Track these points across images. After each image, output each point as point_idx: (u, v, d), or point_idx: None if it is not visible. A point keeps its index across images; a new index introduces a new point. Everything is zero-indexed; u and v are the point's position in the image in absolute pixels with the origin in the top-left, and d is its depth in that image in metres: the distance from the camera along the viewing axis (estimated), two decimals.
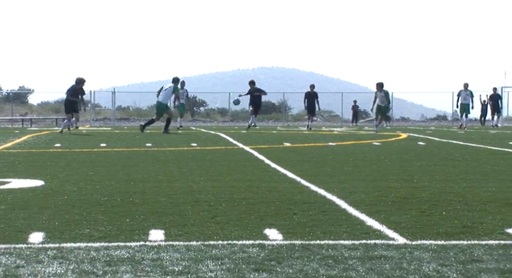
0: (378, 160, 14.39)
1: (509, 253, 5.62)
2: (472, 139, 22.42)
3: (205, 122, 50.45)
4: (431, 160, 14.34)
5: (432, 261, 5.36)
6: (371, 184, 10.16)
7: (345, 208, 7.90)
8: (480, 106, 43.00)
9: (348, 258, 5.47)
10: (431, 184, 10.09)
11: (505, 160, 14.47)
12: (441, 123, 49.58)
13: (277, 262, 5.33)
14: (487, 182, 10.35)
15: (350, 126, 42.11)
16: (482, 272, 5.03)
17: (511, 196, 8.83)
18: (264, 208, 7.95)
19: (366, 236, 6.30)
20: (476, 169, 12.38)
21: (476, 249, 5.77)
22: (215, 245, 5.95)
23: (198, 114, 57.83)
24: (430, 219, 7.19)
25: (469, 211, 7.69)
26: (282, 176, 11.33)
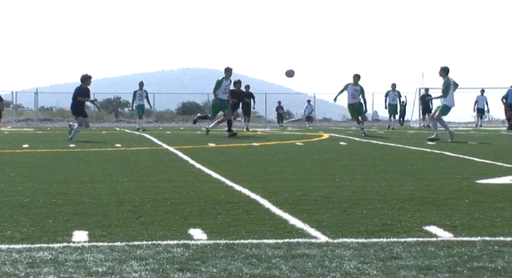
0: (300, 160, 14.50)
1: (426, 250, 5.73)
2: (391, 139, 22.78)
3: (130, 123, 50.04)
4: (352, 160, 14.52)
5: (353, 259, 5.43)
6: (294, 183, 10.23)
7: (268, 208, 7.94)
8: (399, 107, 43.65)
9: (271, 257, 5.49)
10: (352, 183, 10.22)
11: (423, 159, 14.74)
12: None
13: (201, 262, 5.32)
14: (405, 181, 10.52)
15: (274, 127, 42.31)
16: (401, 269, 5.11)
17: (428, 194, 8.99)
18: (189, 208, 7.93)
19: (289, 235, 6.34)
20: (395, 169, 12.58)
21: (395, 246, 5.86)
22: (139, 245, 5.91)
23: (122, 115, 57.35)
24: (351, 217, 7.27)
25: (388, 209, 7.81)
26: (206, 176, 11.32)
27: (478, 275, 4.90)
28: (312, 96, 51.46)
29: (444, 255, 5.53)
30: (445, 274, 4.94)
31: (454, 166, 13.00)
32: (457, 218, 7.19)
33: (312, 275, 4.94)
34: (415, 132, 29.42)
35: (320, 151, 17.43)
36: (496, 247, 5.82)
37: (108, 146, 19.24)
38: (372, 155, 15.97)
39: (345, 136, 23.66)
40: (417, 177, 11.06)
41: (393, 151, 17.56)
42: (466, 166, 13.04)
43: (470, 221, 6.99)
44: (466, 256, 5.50)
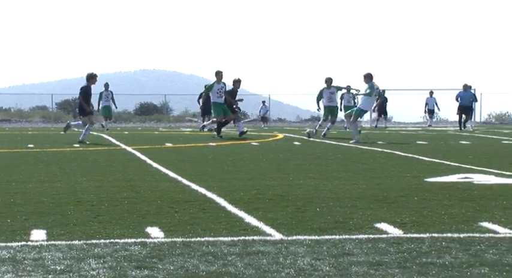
0: (256, 160, 14.51)
1: (377, 246, 5.78)
2: (343, 139, 22.89)
3: None
4: (306, 159, 14.57)
5: (306, 255, 5.45)
6: (249, 182, 10.24)
7: (224, 206, 7.94)
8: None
9: (227, 254, 5.49)
10: (306, 182, 10.26)
11: (374, 158, 14.84)
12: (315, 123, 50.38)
13: (158, 259, 5.31)
14: (357, 180, 10.59)
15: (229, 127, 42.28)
16: (352, 265, 5.15)
17: (379, 192, 9.06)
18: (146, 207, 7.89)
19: (245, 233, 6.35)
20: (347, 168, 12.65)
21: (347, 243, 5.90)
22: (97, 244, 5.87)
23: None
24: (305, 215, 7.30)
25: (341, 207, 7.85)
26: (164, 175, 11.28)
27: (426, 271, 4.96)
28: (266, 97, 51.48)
29: (394, 251, 5.58)
30: (395, 270, 4.99)
31: (404, 165, 13.13)
32: (407, 215, 7.26)
33: (267, 272, 4.95)
34: (367, 132, 29.61)
35: (275, 151, 17.47)
36: (444, 243, 5.89)
37: (67, 146, 19.06)
38: (325, 155, 16.05)
39: (299, 136, 23.73)
40: (368, 176, 11.14)
41: (346, 150, 17.66)
42: (416, 165, 13.17)
43: (419, 219, 7.06)
44: (415, 252, 5.56)
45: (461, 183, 10.16)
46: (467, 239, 6.02)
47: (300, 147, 19.43)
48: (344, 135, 26.36)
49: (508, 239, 6.05)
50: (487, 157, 15.00)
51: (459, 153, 16.19)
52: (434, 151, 17.07)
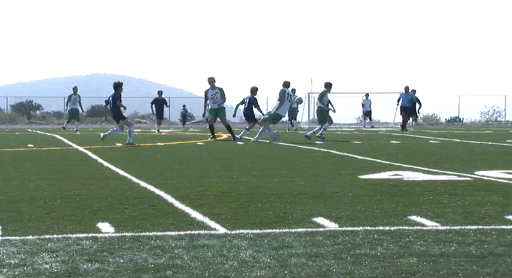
0: (201, 159, 14.49)
1: (315, 239, 5.81)
2: (284, 139, 22.98)
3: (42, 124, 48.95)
4: (248, 158, 14.59)
5: (249, 248, 5.46)
6: (195, 180, 10.21)
7: (171, 202, 7.91)
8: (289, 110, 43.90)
9: (174, 248, 5.47)
10: (248, 180, 10.27)
11: (312, 157, 14.94)
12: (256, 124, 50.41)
13: (109, 253, 5.26)
14: (296, 177, 10.64)
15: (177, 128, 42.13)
16: (292, 256, 5.17)
17: (316, 189, 9.12)
18: (97, 203, 7.82)
19: (191, 227, 6.33)
20: (287, 166, 12.71)
21: (287, 236, 5.92)
22: (50, 239, 5.79)
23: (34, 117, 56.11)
24: (247, 211, 7.31)
25: (281, 203, 7.88)
26: (114, 174, 11.18)
27: (360, 261, 5.01)
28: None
29: (330, 243, 5.62)
30: (331, 261, 5.03)
31: (340, 163, 13.24)
32: (342, 210, 7.32)
33: (212, 264, 4.94)
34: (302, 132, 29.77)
35: (219, 150, 17.45)
36: (376, 235, 5.95)
37: (21, 146, 18.76)
38: (267, 154, 16.09)
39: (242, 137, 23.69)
40: (307, 173, 11.20)
41: (286, 150, 17.73)
42: (350, 163, 13.29)
43: (353, 213, 7.13)
44: (349, 244, 5.61)
45: (392, 179, 10.28)
46: (397, 232, 6.09)
47: (243, 146, 19.45)
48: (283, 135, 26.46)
49: (434, 231, 6.15)
50: (416, 155, 15.22)
51: (390, 152, 16.39)
52: (367, 150, 17.24)
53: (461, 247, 5.47)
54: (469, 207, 7.47)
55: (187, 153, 16.27)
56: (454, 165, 12.49)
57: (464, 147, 18.62)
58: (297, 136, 26.13)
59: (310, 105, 44.30)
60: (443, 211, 7.19)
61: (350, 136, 26.71)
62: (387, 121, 44.71)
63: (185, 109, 50.57)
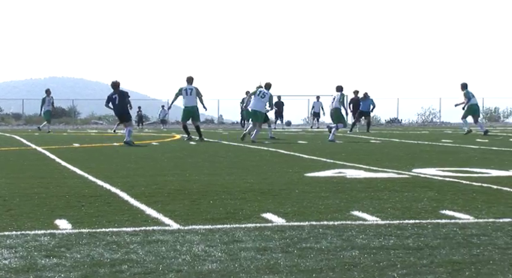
0: (156, 158, 14.40)
1: (263, 233, 5.82)
2: (234, 139, 22.98)
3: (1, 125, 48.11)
4: (200, 157, 14.55)
5: (201, 243, 5.45)
6: (150, 178, 10.14)
7: (127, 200, 7.84)
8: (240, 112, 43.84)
9: (129, 243, 5.43)
10: (200, 178, 10.24)
11: (260, 156, 14.96)
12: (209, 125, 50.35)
13: (66, 249, 5.20)
14: (246, 175, 10.65)
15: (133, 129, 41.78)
16: (242, 250, 5.18)
17: (265, 186, 9.14)
18: (55, 201, 7.71)
19: (145, 224, 6.29)
20: (237, 165, 12.71)
21: (237, 231, 5.92)
22: (9, 235, 5.69)
23: None
24: (200, 207, 7.29)
25: (231, 199, 7.88)
26: (72, 173, 11.04)
27: (305, 254, 5.04)
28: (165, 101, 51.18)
29: (278, 238, 5.64)
30: (279, 254, 5.05)
31: (287, 162, 13.28)
32: (289, 206, 7.34)
33: (165, 258, 4.92)
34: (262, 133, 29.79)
35: (173, 150, 17.37)
36: (321, 230, 5.99)
37: None
38: (218, 153, 16.07)
39: (194, 137, 23.65)
40: (256, 172, 11.22)
41: (236, 149, 17.74)
42: (297, 162, 13.35)
43: (300, 209, 7.16)
44: (296, 238, 5.63)
45: (335, 177, 10.36)
46: (340, 227, 6.14)
47: (195, 146, 19.39)
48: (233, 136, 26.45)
49: (374, 225, 6.21)
50: (358, 154, 15.36)
51: (334, 151, 16.50)
52: (313, 149, 17.35)
53: (399, 240, 5.54)
54: (407, 203, 7.57)
55: (142, 153, 16.15)
56: (393, 163, 12.64)
57: (402, 146, 18.85)
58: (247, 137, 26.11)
59: None
60: (383, 207, 7.27)
61: (297, 136, 26.83)
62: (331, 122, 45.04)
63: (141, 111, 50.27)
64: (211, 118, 59.48)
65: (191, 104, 22.25)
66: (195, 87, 22.20)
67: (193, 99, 22.18)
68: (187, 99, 22.23)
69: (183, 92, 22.21)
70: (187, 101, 22.24)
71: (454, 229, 5.95)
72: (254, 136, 21.55)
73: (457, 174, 10.57)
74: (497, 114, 49.77)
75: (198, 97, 22.26)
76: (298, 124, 47.31)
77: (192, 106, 22.31)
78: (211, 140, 22.43)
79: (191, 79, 22.41)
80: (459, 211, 6.91)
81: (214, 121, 55.69)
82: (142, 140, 23.52)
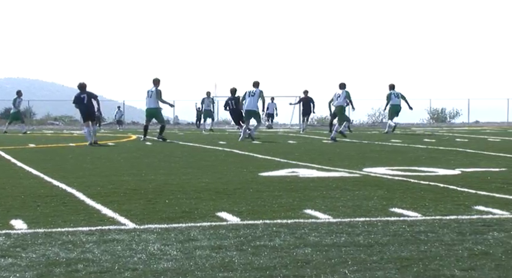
0: (112, 158, 14.28)
1: (218, 232, 5.82)
2: (190, 139, 22.91)
3: None
4: (156, 158, 14.48)
5: (156, 242, 5.42)
6: (106, 178, 10.05)
7: (83, 200, 7.76)
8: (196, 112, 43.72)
9: (85, 242, 5.38)
10: (156, 177, 10.19)
11: (215, 156, 14.95)
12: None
13: (22, 249, 5.12)
14: (201, 175, 10.63)
15: None
16: (197, 249, 5.17)
17: (220, 185, 9.13)
18: (10, 201, 7.59)
19: (101, 223, 6.23)
20: (193, 164, 12.67)
21: (192, 230, 5.91)
22: None
23: None
24: (155, 207, 7.25)
25: (187, 199, 7.85)
26: (27, 173, 10.88)
27: (259, 252, 5.05)
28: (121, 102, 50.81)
29: (233, 236, 5.64)
30: (233, 252, 5.05)
31: (241, 162, 13.29)
32: (244, 205, 7.35)
33: (121, 257, 4.88)
34: (209, 134, 29.77)
35: (129, 151, 17.24)
36: (275, 228, 6.01)
37: None
38: (174, 153, 16.00)
39: (150, 137, 23.51)
40: (211, 171, 11.21)
41: (191, 149, 17.68)
42: (251, 162, 13.36)
43: (254, 208, 7.17)
44: (250, 236, 5.64)
45: (289, 176, 10.40)
46: (293, 225, 6.17)
47: (152, 146, 19.28)
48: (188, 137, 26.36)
49: (326, 223, 6.26)
50: (310, 154, 15.44)
51: (287, 151, 16.57)
52: (267, 149, 17.38)
53: (350, 237, 5.59)
54: (357, 201, 7.64)
55: (98, 153, 15.99)
56: (344, 163, 12.74)
57: (353, 146, 19.02)
58: (200, 137, 26.08)
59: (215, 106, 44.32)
60: (335, 205, 7.33)
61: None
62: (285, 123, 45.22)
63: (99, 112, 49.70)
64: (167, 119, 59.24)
65: (151, 106, 22.17)
66: (156, 89, 22.03)
67: (153, 101, 22.05)
68: (148, 101, 22.19)
69: (147, 93, 22.21)
70: (148, 103, 22.19)
71: (403, 227, 6.03)
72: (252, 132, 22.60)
73: (405, 173, 10.71)
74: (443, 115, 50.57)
75: (158, 99, 22.06)
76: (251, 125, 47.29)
77: (151, 108, 22.22)
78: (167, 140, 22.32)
79: (155, 81, 22.16)
80: (408, 209, 7.01)
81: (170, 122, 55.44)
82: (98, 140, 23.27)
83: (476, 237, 5.54)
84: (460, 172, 10.94)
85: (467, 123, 46.52)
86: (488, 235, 5.61)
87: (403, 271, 4.48)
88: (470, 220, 6.34)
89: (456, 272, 4.43)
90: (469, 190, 8.47)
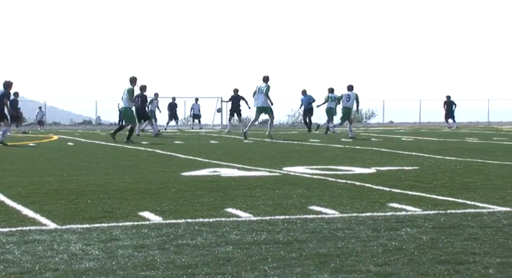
0: (33, 159, 13.94)
1: (141, 231, 5.77)
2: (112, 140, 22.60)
3: None
4: (78, 158, 14.22)
5: (78, 242, 5.33)
6: (26, 179, 9.81)
7: (3, 200, 7.55)
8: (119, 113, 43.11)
9: (5, 243, 5.24)
10: (78, 178, 10.01)
11: (138, 156, 14.79)
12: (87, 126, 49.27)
13: None
14: (124, 175, 10.51)
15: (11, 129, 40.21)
16: (119, 248, 5.11)
17: (142, 185, 9.05)
18: None
19: (22, 224, 6.08)
20: (115, 165, 12.52)
21: (115, 230, 5.84)
22: None
23: None
24: (77, 207, 7.13)
25: (109, 199, 7.75)
26: None
27: (181, 251, 5.03)
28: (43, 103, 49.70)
29: (155, 235, 5.60)
30: (156, 251, 5.02)
31: (164, 162, 13.20)
32: (166, 204, 7.31)
33: (42, 258, 4.78)
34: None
35: (50, 151, 16.88)
36: (197, 227, 6.00)
37: None
38: (96, 154, 15.76)
39: (72, 138, 23.08)
40: (133, 171, 11.09)
41: (113, 150, 17.44)
42: (173, 161, 13.29)
43: (176, 207, 7.14)
44: (172, 235, 5.61)
45: (210, 175, 10.40)
46: (215, 223, 6.17)
47: (73, 147, 18.93)
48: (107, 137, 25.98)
49: (247, 222, 6.29)
50: (231, 154, 15.47)
51: (209, 151, 16.56)
52: (189, 149, 17.32)
53: (270, 235, 5.64)
54: (277, 199, 7.71)
55: (19, 154, 15.59)
56: (265, 162, 12.83)
57: (274, 145, 19.17)
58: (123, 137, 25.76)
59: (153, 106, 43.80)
60: (256, 204, 7.37)
61: (174, 137, 26.70)
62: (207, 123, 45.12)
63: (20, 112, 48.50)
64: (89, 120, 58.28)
65: (123, 105, 21.60)
66: (128, 88, 21.24)
67: (125, 101, 21.40)
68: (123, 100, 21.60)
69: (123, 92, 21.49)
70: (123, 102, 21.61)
71: (321, 224, 6.12)
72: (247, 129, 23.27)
73: (324, 172, 10.87)
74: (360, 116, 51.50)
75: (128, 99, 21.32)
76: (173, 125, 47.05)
77: (123, 107, 21.66)
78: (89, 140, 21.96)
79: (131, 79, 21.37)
80: (326, 207, 7.11)
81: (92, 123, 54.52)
82: (19, 141, 22.69)
83: (391, 233, 5.68)
84: (375, 170, 11.18)
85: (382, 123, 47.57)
86: (401, 231, 5.76)
87: (321, 267, 4.55)
88: (384, 217, 6.49)
89: (371, 268, 4.53)
90: (384, 188, 8.67)
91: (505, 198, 7.79)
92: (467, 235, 5.56)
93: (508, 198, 7.74)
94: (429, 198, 7.81)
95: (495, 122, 46.12)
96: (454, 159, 13.57)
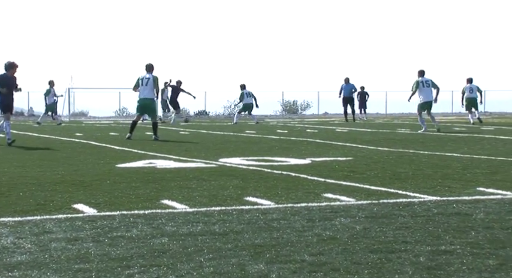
0: None
1: (74, 224, 5.69)
2: (45, 131, 22.15)
3: None
4: (10, 150, 13.92)
5: (10, 235, 5.22)
6: None
7: None
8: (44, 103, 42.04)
9: None
10: (10, 170, 9.79)
11: (72, 148, 14.55)
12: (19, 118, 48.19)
13: None
14: (57, 167, 10.32)
15: None
16: (52, 241, 5.02)
17: (76, 177, 8.91)
18: None
19: None
20: (48, 157, 12.28)
21: (48, 223, 5.74)
22: None
23: None
24: (9, 200, 6.97)
25: (42, 191, 7.61)
26: None
27: (116, 243, 4.98)
28: None
29: (89, 228, 5.53)
30: (90, 244, 4.95)
31: (98, 153, 13.03)
32: (101, 196, 7.22)
33: None
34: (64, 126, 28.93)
35: None
36: (132, 219, 5.95)
37: None
38: (28, 145, 15.42)
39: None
40: (67, 163, 10.90)
41: (47, 141, 17.11)
42: (108, 153, 13.13)
43: (111, 199, 7.06)
44: (107, 227, 5.55)
45: (146, 167, 10.32)
46: (151, 215, 6.13)
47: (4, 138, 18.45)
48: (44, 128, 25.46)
49: (183, 213, 6.27)
50: (167, 145, 15.38)
51: (144, 143, 16.41)
52: (124, 141, 17.10)
53: (206, 226, 5.63)
54: (214, 191, 7.70)
55: None
56: (201, 154, 12.80)
57: (210, 137, 19.14)
58: (57, 128, 25.30)
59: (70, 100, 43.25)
60: (192, 195, 7.35)
61: (108, 128, 26.35)
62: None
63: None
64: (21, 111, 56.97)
65: (145, 96, 17.71)
66: (153, 76, 17.71)
67: (150, 91, 17.71)
68: (143, 90, 17.64)
69: (140, 82, 17.69)
70: (143, 92, 17.67)
71: (257, 215, 6.15)
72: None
73: (259, 163, 10.91)
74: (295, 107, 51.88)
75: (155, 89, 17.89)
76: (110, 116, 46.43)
77: (147, 98, 17.80)
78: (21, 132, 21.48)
79: (150, 67, 17.78)
80: (261, 198, 7.15)
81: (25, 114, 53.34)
82: None
83: (325, 223, 5.74)
84: (310, 161, 11.28)
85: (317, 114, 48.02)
86: (335, 221, 5.83)
87: (257, 258, 4.57)
88: (319, 207, 6.56)
89: (306, 257, 4.58)
90: (319, 179, 8.76)
91: (435, 187, 7.98)
92: (399, 224, 5.68)
93: (438, 187, 7.93)
94: (362, 188, 7.93)
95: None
96: (387, 149, 13.81)
